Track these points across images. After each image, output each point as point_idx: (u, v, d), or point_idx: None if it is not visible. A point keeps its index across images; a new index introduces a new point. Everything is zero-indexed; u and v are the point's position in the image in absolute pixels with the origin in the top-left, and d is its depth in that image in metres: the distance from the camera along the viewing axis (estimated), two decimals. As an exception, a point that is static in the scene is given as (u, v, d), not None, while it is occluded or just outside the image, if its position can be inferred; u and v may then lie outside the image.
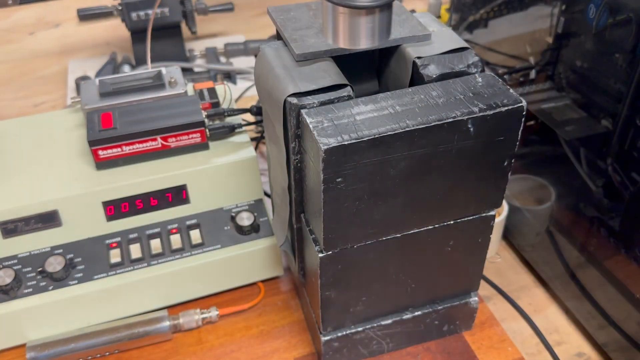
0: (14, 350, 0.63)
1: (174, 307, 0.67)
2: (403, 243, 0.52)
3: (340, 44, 0.48)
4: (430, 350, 0.62)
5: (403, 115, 0.44)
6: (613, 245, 0.59)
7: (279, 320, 0.67)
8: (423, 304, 0.60)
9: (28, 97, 1.06)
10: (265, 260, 0.67)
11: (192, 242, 0.65)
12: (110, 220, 0.64)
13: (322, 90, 0.46)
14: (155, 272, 0.63)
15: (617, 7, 0.52)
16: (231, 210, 0.68)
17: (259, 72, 0.52)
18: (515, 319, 0.68)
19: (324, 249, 0.49)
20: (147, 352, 0.63)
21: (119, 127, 0.63)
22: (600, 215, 0.61)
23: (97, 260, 0.63)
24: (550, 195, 0.69)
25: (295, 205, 0.53)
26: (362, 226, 0.48)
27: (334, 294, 0.53)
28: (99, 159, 0.63)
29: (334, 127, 0.43)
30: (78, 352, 0.61)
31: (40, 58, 1.17)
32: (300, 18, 0.53)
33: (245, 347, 0.64)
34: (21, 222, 0.61)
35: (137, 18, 0.97)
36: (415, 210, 0.49)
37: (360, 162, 0.43)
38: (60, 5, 1.28)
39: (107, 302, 0.63)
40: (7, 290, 0.60)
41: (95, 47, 1.17)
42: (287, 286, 0.70)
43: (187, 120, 0.64)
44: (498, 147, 0.48)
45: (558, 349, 0.64)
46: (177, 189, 0.65)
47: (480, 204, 0.52)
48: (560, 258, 0.67)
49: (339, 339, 0.58)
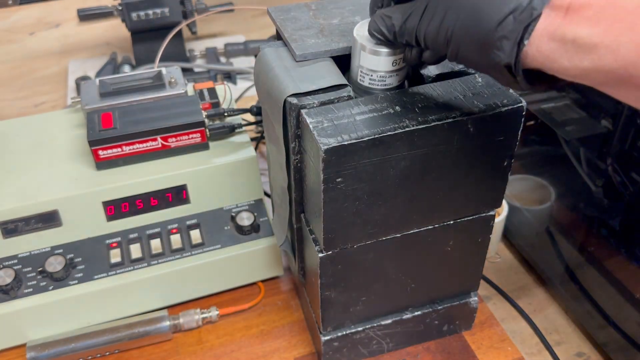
0: (14, 350, 0.63)
1: (174, 307, 0.67)
2: (403, 243, 0.52)
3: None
4: (430, 350, 0.63)
5: (403, 115, 0.44)
6: (613, 245, 0.59)
7: (279, 320, 0.67)
8: (423, 303, 0.60)
9: (28, 97, 1.06)
10: (265, 260, 0.67)
11: (192, 242, 0.65)
12: (110, 220, 0.64)
13: (322, 91, 0.46)
14: (155, 272, 0.63)
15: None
16: (231, 210, 0.68)
17: (259, 72, 0.52)
18: (515, 319, 0.68)
19: (324, 249, 0.49)
20: (147, 352, 0.63)
21: (119, 127, 0.63)
22: (600, 215, 0.61)
23: (97, 260, 0.63)
24: (550, 195, 0.69)
25: (295, 205, 0.53)
26: (362, 226, 0.48)
27: (334, 294, 0.53)
28: (99, 159, 0.63)
29: (333, 127, 0.43)
30: (78, 352, 0.61)
31: (40, 58, 1.16)
32: (300, 18, 0.53)
33: (245, 347, 0.64)
34: (21, 222, 0.61)
35: (137, 18, 0.97)
36: (415, 210, 0.49)
37: (360, 162, 0.43)
38: (60, 5, 1.28)
39: (107, 302, 0.63)
40: (7, 290, 0.60)
41: (95, 47, 1.17)
42: (287, 286, 0.70)
43: (187, 120, 0.64)
44: (498, 147, 0.48)
45: (558, 349, 0.64)
46: (177, 189, 0.65)
47: (480, 204, 0.52)
48: (560, 258, 0.67)
49: (339, 339, 0.58)
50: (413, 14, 0.39)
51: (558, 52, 0.32)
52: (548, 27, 0.32)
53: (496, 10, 0.33)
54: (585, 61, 0.31)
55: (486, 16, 0.34)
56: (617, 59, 0.30)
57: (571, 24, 0.31)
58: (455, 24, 0.36)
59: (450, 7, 0.36)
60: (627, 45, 0.29)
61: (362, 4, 0.55)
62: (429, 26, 0.37)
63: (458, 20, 0.35)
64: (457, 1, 0.35)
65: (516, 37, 0.33)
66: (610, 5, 0.30)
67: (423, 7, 0.38)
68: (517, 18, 0.33)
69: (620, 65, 0.30)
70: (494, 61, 0.35)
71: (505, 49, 0.34)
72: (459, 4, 0.35)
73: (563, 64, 0.32)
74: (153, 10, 0.97)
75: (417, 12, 0.38)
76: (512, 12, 0.33)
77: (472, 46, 0.36)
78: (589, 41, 0.31)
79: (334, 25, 0.52)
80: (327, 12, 0.54)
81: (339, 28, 0.52)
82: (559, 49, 0.32)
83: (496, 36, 0.34)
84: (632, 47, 0.29)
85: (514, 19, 0.33)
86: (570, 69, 0.32)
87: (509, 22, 0.33)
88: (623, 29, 0.30)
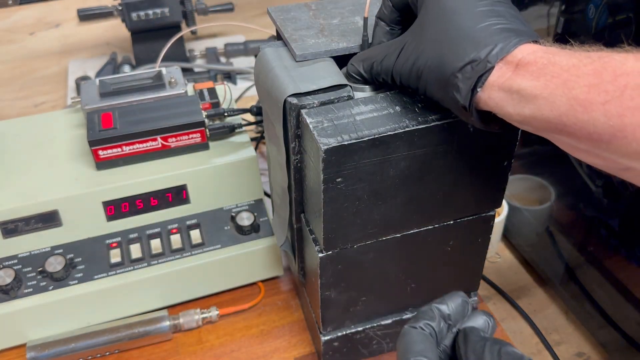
0: (14, 350, 0.63)
1: (174, 307, 0.67)
2: (403, 243, 0.52)
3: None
4: (430, 350, 0.62)
5: (403, 115, 0.44)
6: (613, 245, 0.59)
7: (279, 320, 0.67)
8: (423, 304, 0.59)
9: (28, 97, 1.06)
10: (265, 260, 0.67)
11: (192, 242, 0.65)
12: (110, 220, 0.64)
13: (322, 90, 0.46)
14: (155, 272, 0.63)
15: (616, 7, 0.52)
16: (231, 210, 0.68)
17: (259, 72, 0.52)
18: (515, 319, 0.68)
19: (324, 249, 0.49)
20: (147, 352, 0.63)
21: (119, 127, 0.63)
22: (600, 215, 0.61)
23: (97, 260, 0.63)
24: (550, 195, 0.69)
25: (295, 205, 0.53)
26: (362, 226, 0.48)
27: (334, 294, 0.53)
28: (99, 159, 0.63)
29: (333, 127, 0.43)
30: (78, 352, 0.61)
31: (40, 58, 1.17)
32: (300, 18, 0.53)
33: (245, 347, 0.64)
34: (21, 222, 0.61)
35: (137, 18, 0.97)
36: (415, 210, 0.49)
37: (360, 162, 0.43)
38: (60, 5, 1.28)
39: (107, 302, 0.63)
40: (8, 290, 0.60)
41: (95, 47, 1.17)
42: (287, 286, 0.70)
43: (187, 120, 0.64)
44: (498, 147, 0.48)
45: (558, 348, 0.64)
46: (177, 189, 0.65)
47: (480, 204, 0.52)
48: (560, 258, 0.67)
49: (339, 339, 0.58)
50: (389, 55, 0.44)
51: (505, 100, 0.37)
52: (499, 78, 0.37)
53: (457, 59, 0.38)
54: (527, 109, 0.36)
55: (449, 62, 0.39)
56: (552, 109, 0.34)
57: (517, 77, 0.36)
58: (425, 66, 0.41)
59: (422, 52, 0.41)
60: (561, 98, 0.34)
61: (362, 4, 0.55)
62: (403, 66, 0.43)
63: (427, 64, 0.41)
64: (427, 48, 0.41)
65: (471, 84, 0.38)
66: (551, 63, 0.35)
67: (398, 50, 0.43)
68: (474, 68, 0.38)
69: (555, 115, 0.34)
70: (453, 100, 0.40)
71: (462, 93, 0.39)
72: (428, 50, 0.41)
73: (508, 111, 0.37)
74: (153, 10, 0.97)
75: (394, 54, 0.43)
76: (471, 63, 0.38)
77: (436, 85, 0.41)
78: (530, 92, 0.35)
79: (334, 25, 0.52)
80: (327, 12, 0.54)
81: (339, 28, 0.52)
82: (507, 97, 0.37)
83: (455, 81, 0.39)
84: (565, 100, 0.34)
85: (471, 68, 0.38)
86: (514, 115, 0.37)
87: (467, 70, 0.38)
88: (558, 84, 0.34)
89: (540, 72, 0.35)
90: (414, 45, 0.42)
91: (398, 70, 0.43)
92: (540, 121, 0.35)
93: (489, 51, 0.37)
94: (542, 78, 0.35)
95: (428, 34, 0.41)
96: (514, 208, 0.73)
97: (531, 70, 0.36)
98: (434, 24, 0.41)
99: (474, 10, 0.39)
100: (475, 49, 0.38)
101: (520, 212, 0.73)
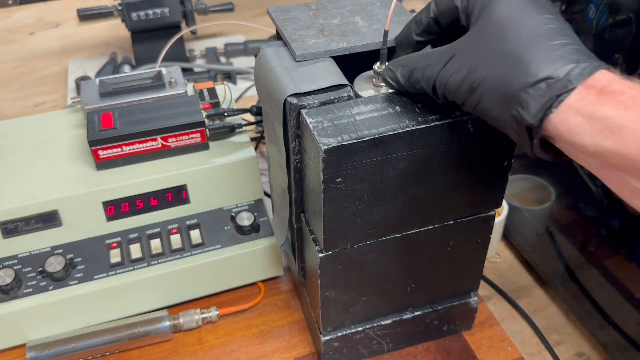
0: (14, 350, 0.63)
1: (174, 307, 0.67)
2: (403, 243, 0.52)
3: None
4: (430, 350, 0.63)
5: (403, 115, 0.44)
6: (613, 245, 0.59)
7: (279, 320, 0.67)
8: (423, 304, 0.60)
9: (28, 97, 1.06)
10: (265, 260, 0.67)
11: (192, 242, 0.65)
12: (110, 220, 0.64)
13: (322, 91, 0.46)
14: (155, 272, 0.63)
15: (617, 7, 0.52)
16: (231, 210, 0.68)
17: (259, 72, 0.52)
18: (515, 319, 0.68)
19: (324, 249, 0.49)
20: (147, 352, 0.63)
21: (119, 127, 0.63)
22: (600, 215, 0.61)
23: (97, 260, 0.63)
24: (550, 195, 0.69)
25: (295, 205, 0.53)
26: (362, 226, 0.48)
27: (334, 294, 0.53)
28: (99, 159, 0.63)
29: (334, 127, 0.43)
30: (78, 352, 0.61)
31: (40, 58, 1.17)
32: (300, 18, 0.53)
33: (245, 347, 0.64)
34: (21, 222, 0.61)
35: (137, 18, 0.97)
36: (415, 210, 0.49)
37: (360, 162, 0.43)
38: (60, 5, 1.28)
39: (107, 302, 0.63)
40: (7, 290, 0.60)
41: (95, 47, 1.17)
42: (287, 286, 0.70)
43: (187, 120, 0.64)
44: (498, 147, 0.48)
45: (558, 349, 0.64)
46: (177, 189, 0.65)
47: (480, 204, 0.52)
48: (560, 258, 0.67)
49: (339, 339, 0.58)
50: (433, 64, 0.41)
51: (582, 127, 0.33)
52: (579, 101, 0.34)
53: (529, 74, 0.35)
54: (609, 141, 0.32)
55: (518, 77, 0.35)
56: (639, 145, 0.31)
57: (602, 104, 0.33)
58: (484, 78, 0.37)
59: (481, 63, 0.37)
60: None
61: (362, 4, 0.55)
62: (452, 76, 0.39)
63: (487, 76, 0.37)
64: (488, 60, 0.37)
65: (545, 103, 0.34)
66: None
67: (445, 59, 0.40)
68: (551, 85, 0.34)
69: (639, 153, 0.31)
70: (515, 118, 0.36)
71: (531, 110, 0.35)
72: (489, 63, 0.37)
73: (583, 139, 0.34)
74: (153, 10, 0.97)
75: (440, 62, 0.40)
76: (546, 79, 0.34)
77: (496, 100, 0.37)
78: (617, 122, 0.32)
79: (334, 25, 0.52)
80: (327, 12, 0.54)
81: (339, 28, 0.52)
82: (585, 124, 0.33)
83: (523, 97, 0.35)
84: None
85: (546, 85, 0.34)
86: (588, 146, 0.33)
87: (541, 87, 0.35)
88: None
89: (629, 103, 0.32)
90: (468, 56, 0.39)
91: (443, 81, 0.40)
92: (619, 157, 0.32)
93: (569, 70, 0.34)
94: (632, 109, 0.32)
95: (490, 45, 0.38)
96: (514, 208, 0.73)
97: (619, 99, 0.32)
98: (497, 35, 0.37)
99: (543, 26, 0.36)
100: (551, 66, 0.35)
101: (520, 212, 0.73)
